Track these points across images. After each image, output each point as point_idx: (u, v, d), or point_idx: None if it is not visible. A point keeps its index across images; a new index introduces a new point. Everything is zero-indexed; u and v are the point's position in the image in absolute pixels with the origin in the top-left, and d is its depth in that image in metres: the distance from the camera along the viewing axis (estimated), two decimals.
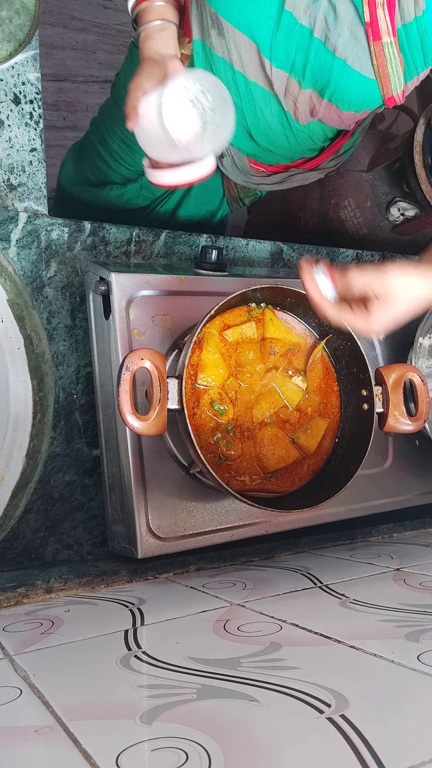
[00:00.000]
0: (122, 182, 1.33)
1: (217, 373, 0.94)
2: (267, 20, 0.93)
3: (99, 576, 0.94)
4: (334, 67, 0.95)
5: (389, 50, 0.92)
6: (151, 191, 1.32)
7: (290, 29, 0.93)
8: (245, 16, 0.94)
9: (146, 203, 1.35)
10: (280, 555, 1.06)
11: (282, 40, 0.95)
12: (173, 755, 0.47)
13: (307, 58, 0.95)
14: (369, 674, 0.60)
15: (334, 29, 0.91)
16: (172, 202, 1.33)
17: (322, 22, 0.92)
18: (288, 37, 0.94)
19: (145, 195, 1.33)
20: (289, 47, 0.95)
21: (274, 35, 0.94)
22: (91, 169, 1.36)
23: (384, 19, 0.89)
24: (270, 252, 1.29)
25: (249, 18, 0.94)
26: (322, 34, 0.93)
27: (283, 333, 1.00)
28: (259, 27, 0.94)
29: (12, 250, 1.02)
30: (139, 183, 1.31)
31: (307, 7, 0.91)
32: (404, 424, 0.96)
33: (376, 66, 0.94)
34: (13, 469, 0.98)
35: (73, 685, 0.61)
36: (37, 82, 1.07)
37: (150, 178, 0.94)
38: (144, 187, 1.32)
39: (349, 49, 0.93)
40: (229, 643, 0.68)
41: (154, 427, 0.82)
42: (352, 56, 0.93)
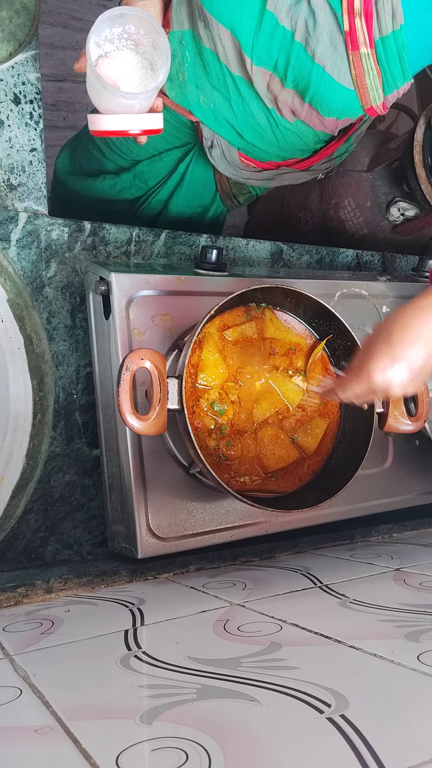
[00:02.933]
0: (115, 171, 1.33)
1: (218, 373, 0.94)
2: (249, 19, 0.92)
3: (99, 576, 0.94)
4: (314, 73, 0.94)
5: (366, 61, 0.91)
6: (144, 181, 1.32)
7: (272, 30, 0.92)
8: (228, 12, 0.93)
9: (139, 194, 1.35)
10: (280, 555, 1.06)
11: (264, 40, 0.94)
12: (173, 755, 0.47)
13: (288, 60, 0.94)
14: (369, 674, 0.60)
15: (314, 35, 0.90)
16: (164, 193, 1.33)
17: (303, 26, 0.91)
18: (270, 37, 0.93)
19: (138, 185, 1.33)
20: (272, 48, 0.94)
21: (255, 34, 0.93)
22: (85, 157, 1.36)
23: (361, 29, 0.88)
24: (270, 252, 1.29)
25: (232, 14, 0.93)
26: (303, 39, 0.92)
27: (283, 333, 1.00)
28: (242, 24, 0.93)
29: (12, 250, 1.02)
30: (132, 173, 1.31)
31: (289, 10, 0.90)
32: (404, 424, 0.96)
33: (354, 76, 0.92)
34: (13, 469, 0.98)
35: (73, 685, 0.61)
36: (37, 82, 1.07)
37: (90, 124, 0.91)
38: (137, 177, 1.32)
39: (327, 57, 0.92)
40: (229, 643, 0.68)
41: (154, 427, 0.82)
42: (331, 64, 0.92)
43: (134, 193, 1.35)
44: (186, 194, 1.33)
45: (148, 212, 1.37)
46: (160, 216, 1.37)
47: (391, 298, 1.21)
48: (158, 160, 1.29)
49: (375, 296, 1.19)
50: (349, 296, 1.16)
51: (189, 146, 1.26)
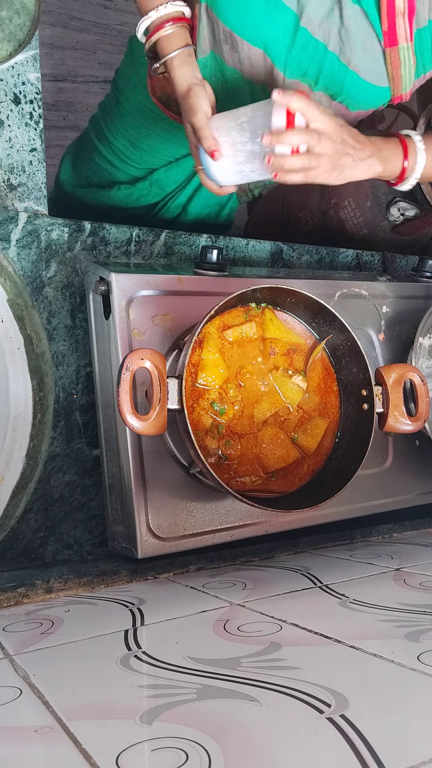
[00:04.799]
0: (130, 181, 1.32)
1: (218, 373, 0.94)
2: (282, 36, 0.95)
3: (99, 576, 0.94)
4: (347, 79, 0.98)
5: (405, 53, 0.94)
6: (161, 188, 1.32)
7: (305, 44, 0.95)
8: (261, 34, 0.96)
9: (157, 200, 1.34)
10: (280, 555, 1.06)
11: (297, 54, 0.97)
12: (173, 755, 0.47)
13: (320, 69, 0.98)
14: (369, 674, 0.60)
15: (348, 43, 0.94)
16: (183, 197, 1.33)
17: (336, 37, 0.94)
18: (303, 50, 0.96)
19: (155, 192, 1.32)
20: (303, 59, 0.97)
21: (289, 50, 0.96)
22: (92, 169, 1.35)
23: (403, 26, 0.92)
24: (270, 252, 1.29)
25: (265, 35, 0.96)
26: (337, 48, 0.95)
27: (283, 333, 1.00)
28: (275, 43, 0.96)
29: (12, 250, 1.02)
30: (149, 181, 1.31)
31: (321, 23, 0.93)
32: (404, 424, 0.96)
33: (390, 70, 0.96)
34: (13, 469, 0.98)
35: (73, 685, 0.61)
36: (37, 82, 1.07)
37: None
38: (154, 184, 1.31)
39: (362, 63, 0.96)
40: (229, 643, 0.68)
41: (154, 427, 0.82)
42: (365, 68, 0.96)
43: (152, 199, 1.34)
44: (206, 196, 1.34)
45: (166, 216, 1.37)
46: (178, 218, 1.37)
47: (391, 298, 1.21)
48: (175, 166, 1.29)
49: (375, 296, 1.19)
50: (349, 296, 1.16)
51: None
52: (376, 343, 1.18)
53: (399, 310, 1.21)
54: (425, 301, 1.23)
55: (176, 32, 0.94)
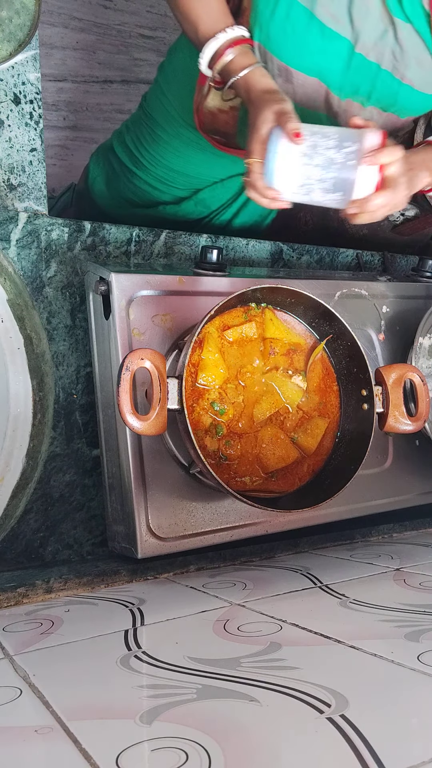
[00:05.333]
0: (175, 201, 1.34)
1: (218, 373, 0.94)
2: (337, 63, 0.98)
3: (99, 576, 0.94)
4: (401, 92, 1.02)
5: None
6: (206, 206, 1.34)
7: (359, 66, 0.99)
8: (316, 64, 0.99)
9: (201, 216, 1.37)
10: (280, 555, 1.06)
11: (351, 76, 1.00)
12: (173, 755, 0.47)
13: (373, 86, 1.01)
14: (369, 674, 0.60)
15: (402, 61, 0.97)
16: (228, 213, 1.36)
17: (390, 56, 0.97)
18: (357, 72, 1.00)
19: (200, 210, 1.35)
20: (357, 80, 1.01)
21: (344, 74, 1.00)
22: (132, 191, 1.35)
23: None
24: (270, 252, 1.29)
25: (320, 65, 0.99)
26: (390, 66, 0.98)
27: (283, 333, 1.00)
28: (331, 71, 0.99)
29: (12, 250, 1.02)
30: (194, 200, 1.33)
31: (374, 45, 0.96)
32: (404, 424, 0.96)
33: None
34: (13, 469, 0.98)
35: (73, 685, 0.61)
36: (37, 82, 1.07)
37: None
38: (198, 204, 1.34)
39: (416, 76, 0.99)
40: (229, 643, 0.68)
41: (154, 427, 0.82)
42: (419, 81, 1.00)
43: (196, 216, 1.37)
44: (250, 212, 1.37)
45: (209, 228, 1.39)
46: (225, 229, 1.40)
47: (391, 298, 1.21)
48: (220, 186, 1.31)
49: (375, 296, 1.19)
50: (349, 296, 1.16)
51: None
52: (376, 343, 1.18)
53: (399, 310, 1.21)
54: (425, 301, 1.23)
55: (247, 51, 0.95)
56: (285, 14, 0.94)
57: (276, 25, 0.96)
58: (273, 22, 0.96)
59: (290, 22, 0.95)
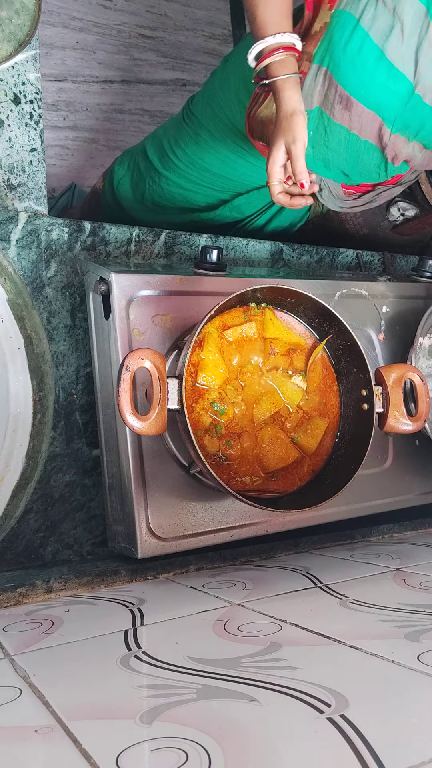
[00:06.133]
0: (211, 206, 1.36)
1: (218, 373, 0.94)
2: (397, 102, 1.03)
3: (99, 576, 0.94)
4: None
5: None
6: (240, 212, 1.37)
7: (415, 107, 1.04)
8: (377, 99, 1.03)
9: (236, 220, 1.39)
10: (280, 555, 1.06)
11: (406, 115, 1.05)
12: (173, 755, 0.47)
13: (423, 125, 1.07)
14: (369, 674, 0.60)
15: None
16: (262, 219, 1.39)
17: None
18: (412, 112, 1.04)
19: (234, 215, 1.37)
20: (410, 118, 1.06)
21: (400, 112, 1.04)
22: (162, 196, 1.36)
23: None
24: (270, 252, 1.29)
25: (380, 101, 1.03)
26: None
27: (283, 333, 1.00)
28: (389, 107, 1.04)
29: (12, 250, 1.02)
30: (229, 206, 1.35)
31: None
32: (404, 424, 0.96)
33: None
34: (13, 469, 0.98)
35: (73, 685, 0.61)
36: (37, 82, 1.07)
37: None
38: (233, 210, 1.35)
39: None
40: (229, 643, 0.68)
41: (154, 427, 0.82)
42: None
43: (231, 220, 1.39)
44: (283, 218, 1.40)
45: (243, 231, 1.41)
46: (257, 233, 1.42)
47: (391, 298, 1.21)
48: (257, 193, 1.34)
49: (375, 296, 1.19)
50: (349, 296, 1.16)
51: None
52: (376, 343, 1.18)
53: (399, 310, 1.21)
54: (425, 301, 1.23)
55: (288, 59, 0.97)
56: (358, 49, 0.99)
57: (347, 57, 1.01)
58: (345, 54, 1.01)
59: (361, 57, 1.00)
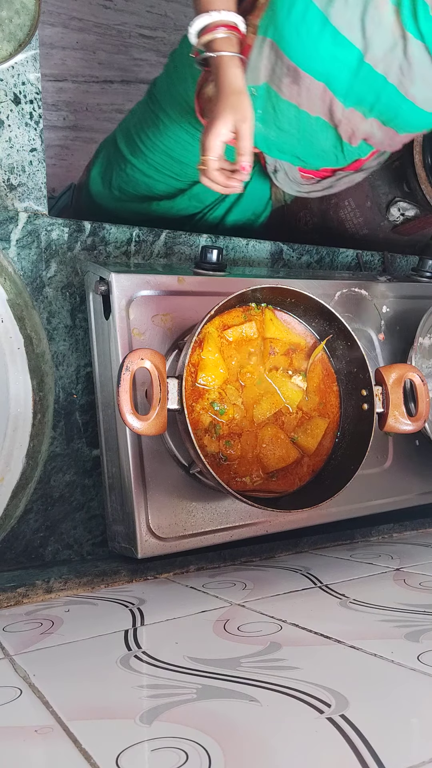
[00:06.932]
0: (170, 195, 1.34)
1: (218, 373, 0.94)
2: (346, 72, 1.00)
3: (99, 576, 0.94)
4: (403, 107, 1.02)
5: None
6: (200, 201, 1.35)
7: (366, 77, 1.00)
8: (325, 70, 1.00)
9: (195, 212, 1.37)
10: (280, 555, 1.06)
11: (357, 86, 1.01)
12: (173, 755, 0.47)
13: (378, 98, 1.02)
14: (369, 674, 0.60)
15: (408, 76, 0.98)
16: (222, 209, 1.37)
17: (397, 71, 0.98)
18: (363, 82, 1.01)
19: (194, 204, 1.35)
20: (362, 90, 1.02)
21: (350, 83, 1.01)
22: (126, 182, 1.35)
23: None
24: (270, 252, 1.29)
25: (329, 71, 1.00)
26: (397, 81, 0.99)
27: (283, 333, 1.00)
28: (338, 78, 1.00)
29: (12, 250, 1.02)
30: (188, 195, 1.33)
31: (384, 57, 0.97)
32: (404, 424, 0.96)
33: None
34: (13, 469, 0.98)
35: (73, 685, 0.61)
36: (37, 82, 1.07)
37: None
38: (192, 198, 1.34)
39: (419, 92, 1.00)
40: (229, 643, 0.68)
41: (154, 427, 0.82)
42: (422, 98, 1.01)
43: (191, 211, 1.37)
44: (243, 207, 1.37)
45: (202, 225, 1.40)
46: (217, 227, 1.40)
47: (391, 298, 1.21)
48: None
49: (375, 296, 1.19)
50: (349, 296, 1.16)
51: None
52: (376, 343, 1.18)
53: (399, 310, 1.21)
54: (425, 301, 1.23)
55: (232, 38, 0.96)
56: (301, 16, 0.96)
57: (291, 26, 0.97)
58: (288, 21, 0.97)
59: (305, 25, 0.96)
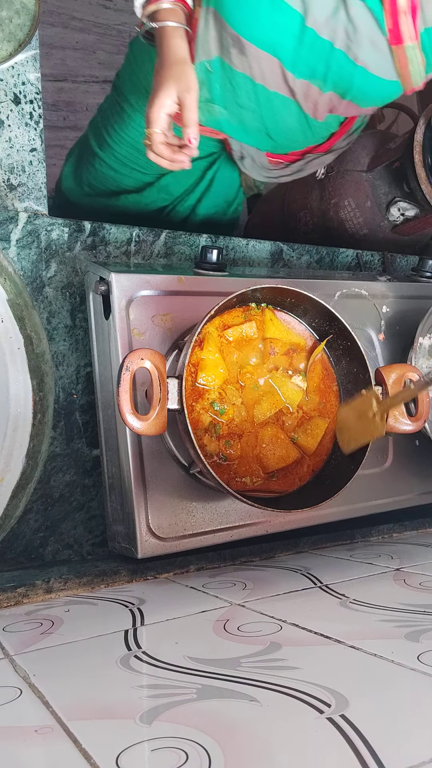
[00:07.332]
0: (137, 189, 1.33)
1: (218, 373, 0.94)
2: (289, 38, 0.96)
3: (99, 576, 0.94)
4: (356, 75, 0.98)
5: (412, 53, 0.94)
6: (169, 193, 1.33)
7: (312, 43, 0.96)
8: (268, 37, 0.96)
9: (165, 204, 1.36)
10: (280, 555, 1.06)
11: (304, 54, 0.97)
12: (173, 755, 0.47)
13: (328, 66, 0.98)
14: (369, 674, 0.60)
15: (355, 40, 0.94)
16: (192, 199, 1.35)
17: (343, 34, 0.94)
18: (310, 50, 0.97)
19: (163, 197, 1.34)
20: (311, 59, 0.98)
21: (296, 51, 0.97)
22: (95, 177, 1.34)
23: (407, 24, 0.92)
24: (270, 252, 1.29)
25: (272, 38, 0.96)
26: (344, 45, 0.95)
27: (283, 333, 1.00)
28: (282, 45, 0.97)
29: (12, 250, 1.02)
30: (156, 187, 1.31)
31: (327, 21, 0.94)
32: (404, 424, 0.96)
33: (398, 67, 0.96)
34: (13, 469, 0.98)
35: (73, 685, 0.61)
36: (37, 82, 1.07)
37: None
38: (161, 190, 1.32)
39: (370, 58, 0.96)
40: (229, 643, 0.68)
41: (154, 427, 0.82)
42: (374, 64, 0.96)
43: (160, 204, 1.36)
44: (213, 196, 1.35)
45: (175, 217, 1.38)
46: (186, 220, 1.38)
47: (391, 298, 1.21)
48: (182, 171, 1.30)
49: (375, 296, 1.19)
50: (349, 296, 1.16)
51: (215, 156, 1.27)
52: (376, 343, 1.18)
53: (399, 310, 1.21)
54: (425, 301, 1.23)
55: (176, 9, 0.94)
56: None
57: None
58: None
59: None
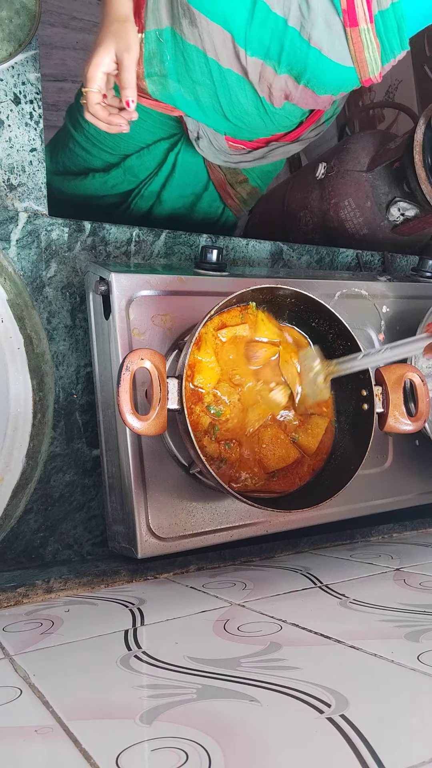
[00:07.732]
0: (104, 168, 1.33)
1: (212, 374, 0.94)
2: (241, 11, 0.92)
3: (99, 576, 0.94)
4: (310, 56, 0.94)
5: (366, 36, 0.90)
6: (134, 175, 1.32)
7: (264, 18, 0.92)
8: (218, 7, 0.92)
9: (131, 187, 1.35)
10: (280, 555, 1.06)
11: (256, 30, 0.93)
12: (173, 755, 0.47)
13: (282, 46, 0.94)
14: (369, 674, 0.60)
15: (309, 18, 0.90)
16: (156, 184, 1.33)
17: (297, 11, 0.90)
18: (262, 26, 0.93)
19: (129, 179, 1.33)
20: (264, 36, 0.94)
21: (248, 25, 0.93)
22: (69, 157, 1.35)
23: (361, 5, 0.88)
24: (270, 252, 1.29)
25: (222, 9, 0.92)
26: (297, 23, 0.91)
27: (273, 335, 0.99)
28: (233, 17, 0.93)
29: (12, 250, 1.02)
30: (122, 168, 1.31)
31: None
32: (404, 424, 0.96)
33: (353, 51, 0.92)
34: (13, 469, 0.98)
35: (73, 685, 0.61)
36: (37, 82, 1.07)
37: None
38: (127, 171, 1.32)
39: (324, 39, 0.92)
40: (229, 643, 0.68)
41: (154, 427, 0.82)
42: (328, 46, 0.92)
43: (126, 187, 1.35)
44: (178, 183, 1.33)
45: (141, 205, 1.37)
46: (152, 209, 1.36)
47: (391, 298, 1.21)
48: (147, 152, 1.29)
49: (375, 296, 1.19)
50: (349, 296, 1.16)
51: (177, 137, 1.26)
52: (376, 343, 1.18)
53: (399, 310, 1.21)
54: (425, 301, 1.23)
55: None
56: None
57: None
58: None
59: None
